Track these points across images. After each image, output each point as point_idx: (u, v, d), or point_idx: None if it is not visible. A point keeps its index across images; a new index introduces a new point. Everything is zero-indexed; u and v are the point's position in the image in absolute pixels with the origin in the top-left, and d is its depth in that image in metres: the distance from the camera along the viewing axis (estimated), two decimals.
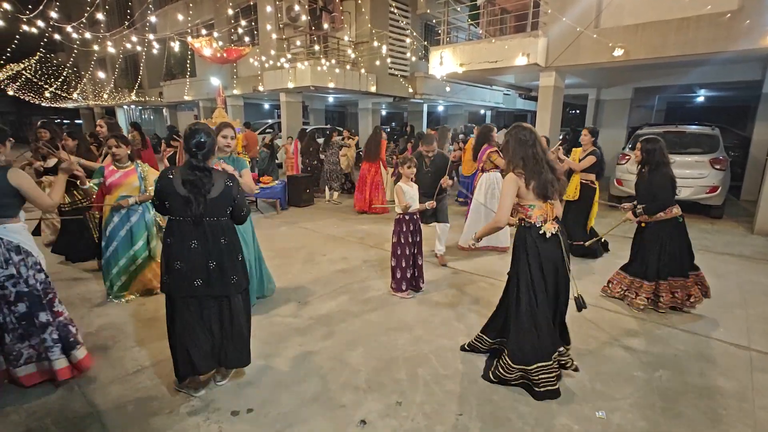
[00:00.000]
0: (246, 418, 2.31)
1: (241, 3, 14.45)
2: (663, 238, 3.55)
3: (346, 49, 12.15)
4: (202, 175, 2.26)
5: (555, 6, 7.12)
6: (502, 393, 2.52)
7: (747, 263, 4.92)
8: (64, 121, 36.30)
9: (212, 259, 2.31)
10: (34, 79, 16.67)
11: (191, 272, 2.29)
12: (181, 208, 2.26)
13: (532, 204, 2.50)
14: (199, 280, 2.30)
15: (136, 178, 3.65)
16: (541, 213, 2.49)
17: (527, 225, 2.52)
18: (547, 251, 2.47)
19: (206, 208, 2.28)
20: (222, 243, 2.35)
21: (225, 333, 2.44)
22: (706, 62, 7.02)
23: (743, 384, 2.64)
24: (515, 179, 2.49)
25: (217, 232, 2.33)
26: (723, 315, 3.60)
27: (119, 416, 2.30)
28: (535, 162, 2.47)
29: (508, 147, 2.57)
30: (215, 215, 2.33)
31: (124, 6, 20.02)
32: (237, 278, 2.41)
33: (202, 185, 2.25)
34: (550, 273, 2.49)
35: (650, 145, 3.52)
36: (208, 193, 2.27)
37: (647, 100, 12.55)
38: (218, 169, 2.46)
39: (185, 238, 2.29)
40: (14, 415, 2.30)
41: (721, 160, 6.69)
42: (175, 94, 18.13)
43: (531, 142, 2.51)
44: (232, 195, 2.36)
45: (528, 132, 2.55)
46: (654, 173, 3.50)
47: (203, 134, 2.29)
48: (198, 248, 2.29)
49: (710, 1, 5.92)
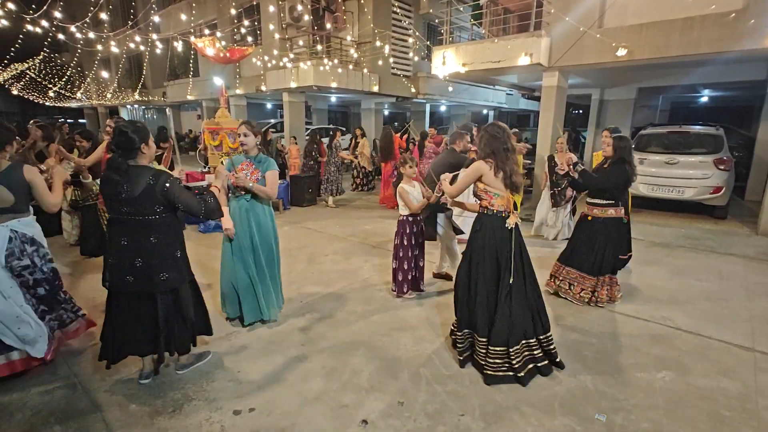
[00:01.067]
0: (248, 417, 2.31)
1: (244, 3, 14.47)
2: (608, 234, 3.69)
3: (349, 48, 12.15)
4: (116, 174, 2.29)
5: (558, 6, 7.10)
6: (505, 393, 2.52)
7: (751, 264, 4.90)
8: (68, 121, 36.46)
9: (140, 257, 2.32)
10: (38, 79, 16.74)
11: (122, 268, 2.33)
12: (110, 206, 2.36)
13: (497, 193, 2.65)
14: (129, 276, 2.33)
15: None
16: (503, 203, 2.66)
17: (489, 212, 2.68)
18: (504, 240, 2.63)
19: (128, 206, 2.29)
20: (151, 241, 2.34)
21: (159, 327, 2.45)
22: (710, 62, 6.97)
23: (747, 385, 2.62)
24: (481, 167, 2.66)
25: (145, 230, 2.33)
26: (727, 316, 3.58)
27: (122, 415, 2.31)
28: (506, 156, 2.66)
29: (482, 140, 2.71)
30: (141, 214, 2.31)
31: (127, 6, 20.06)
32: (168, 276, 2.39)
33: (117, 184, 2.28)
34: (503, 261, 2.63)
35: (622, 142, 3.64)
36: (126, 192, 2.27)
37: (651, 100, 12.49)
38: (147, 165, 2.41)
39: (116, 235, 2.35)
40: (18, 413, 2.32)
41: (725, 160, 6.65)
42: (179, 94, 18.19)
43: (503, 139, 2.68)
44: (157, 193, 2.30)
45: (501, 130, 2.70)
46: (614, 166, 3.61)
47: (131, 132, 2.29)
48: (127, 245, 2.33)
49: (715, 1, 5.88)
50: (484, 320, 2.65)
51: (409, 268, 3.87)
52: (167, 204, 2.36)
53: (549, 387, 2.58)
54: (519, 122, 24.36)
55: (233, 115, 12.03)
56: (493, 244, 2.64)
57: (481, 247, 2.67)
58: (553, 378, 2.67)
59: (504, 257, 2.63)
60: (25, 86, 17.74)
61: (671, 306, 3.76)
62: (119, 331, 2.45)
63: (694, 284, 4.29)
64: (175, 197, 2.35)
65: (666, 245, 5.63)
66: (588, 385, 2.61)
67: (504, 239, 2.64)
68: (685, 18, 6.17)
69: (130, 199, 2.28)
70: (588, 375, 2.71)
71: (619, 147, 3.63)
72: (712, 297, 3.96)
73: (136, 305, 2.43)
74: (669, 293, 4.05)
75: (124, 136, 2.27)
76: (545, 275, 3.96)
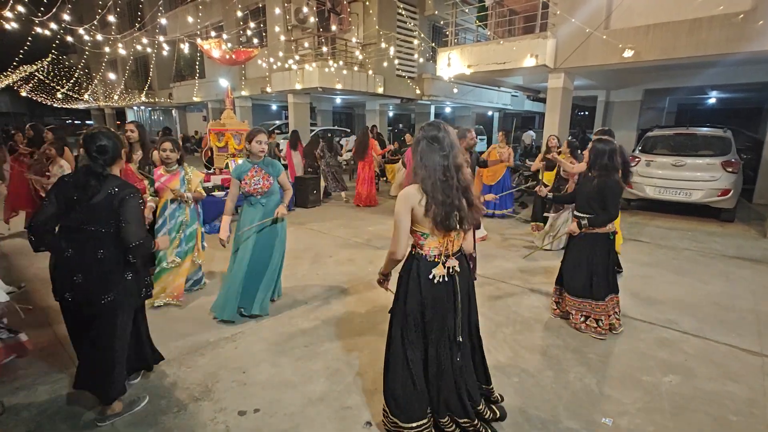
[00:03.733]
0: (252, 417, 2.32)
1: (249, 5, 14.56)
2: (594, 252, 3.20)
3: (354, 50, 12.18)
4: (93, 180, 2.11)
5: (564, 7, 7.08)
6: (509, 396, 2.49)
7: (759, 267, 4.85)
8: (76, 122, 36.83)
9: (81, 272, 2.09)
10: (47, 81, 16.94)
11: (63, 283, 2.13)
12: (65, 212, 2.10)
13: (426, 233, 1.92)
14: (68, 293, 2.11)
15: (178, 181, 3.68)
16: (436, 246, 1.92)
17: (417, 256, 1.96)
18: (435, 293, 1.94)
19: (84, 214, 2.09)
20: (99, 256, 2.11)
21: (88, 353, 2.23)
22: (718, 64, 6.93)
23: (754, 390, 2.60)
24: (411, 196, 1.85)
25: (94, 243, 2.11)
26: (734, 320, 3.55)
27: (128, 415, 2.33)
28: (446, 176, 1.85)
29: (416, 153, 1.91)
30: (94, 224, 2.11)
31: (134, 8, 20.28)
32: (111, 299, 2.13)
33: (88, 190, 2.09)
34: (434, 319, 1.96)
35: (602, 145, 3.11)
36: (87, 199, 2.09)
37: (657, 102, 12.42)
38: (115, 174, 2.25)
39: (65, 245, 2.12)
40: (25, 412, 2.34)
41: (733, 162, 6.59)
42: (185, 96, 18.33)
43: (446, 149, 1.86)
44: (114, 203, 2.10)
45: (444, 132, 1.89)
46: (604, 179, 3.08)
47: (106, 139, 2.18)
48: (71, 258, 2.11)
49: (723, 2, 5.84)
50: None
51: None
52: (117, 219, 2.13)
53: (554, 390, 2.57)
54: (524, 124, 24.30)
55: (238, 117, 12.09)
56: (418, 298, 1.95)
57: (403, 302, 2.00)
58: (557, 381, 2.66)
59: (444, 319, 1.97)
60: (34, 88, 17.96)
61: (677, 309, 3.73)
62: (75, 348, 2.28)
63: (701, 287, 4.25)
64: (124, 212, 2.11)
65: (672, 248, 5.58)
66: (593, 388, 2.59)
67: (439, 293, 1.94)
68: (692, 19, 6.14)
69: (87, 207, 2.09)
70: (593, 378, 2.69)
71: (597, 151, 3.10)
72: (719, 300, 3.93)
73: (73, 323, 2.23)
74: (675, 296, 4.01)
75: (101, 143, 2.15)
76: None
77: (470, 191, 1.91)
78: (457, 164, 1.87)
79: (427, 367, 2.02)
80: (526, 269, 4.72)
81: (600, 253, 3.20)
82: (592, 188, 3.16)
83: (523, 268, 4.76)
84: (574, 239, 3.32)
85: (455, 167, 1.87)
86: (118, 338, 2.22)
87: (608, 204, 3.09)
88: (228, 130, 7.16)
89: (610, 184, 3.08)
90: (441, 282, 1.93)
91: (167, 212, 3.69)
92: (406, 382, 2.00)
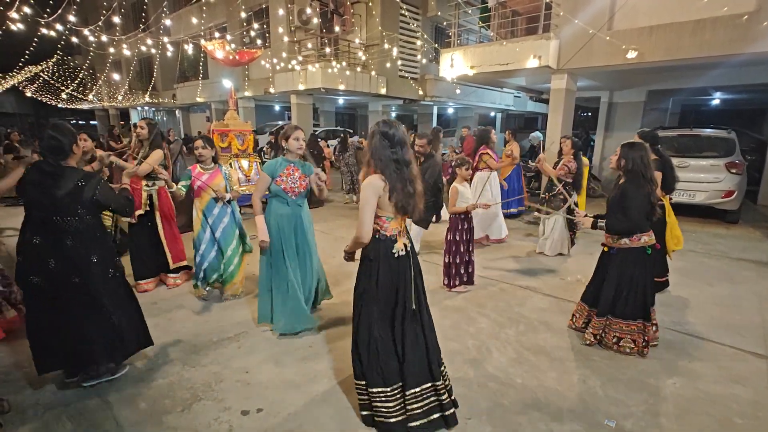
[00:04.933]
0: (256, 417, 2.32)
1: (253, 6, 14.61)
2: (624, 269, 2.94)
3: (357, 51, 12.20)
4: (47, 176, 2.28)
5: (567, 8, 7.07)
6: (513, 397, 2.50)
7: (764, 269, 4.82)
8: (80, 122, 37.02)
9: (52, 258, 2.30)
10: (52, 81, 17.03)
11: (30, 269, 2.31)
12: (31, 206, 2.33)
13: (390, 216, 2.17)
14: (35, 278, 2.30)
15: (222, 178, 3.66)
16: (396, 226, 2.19)
17: (382, 237, 2.18)
18: (399, 268, 2.19)
19: (51, 206, 2.27)
20: (67, 243, 2.31)
21: (70, 333, 2.40)
22: (722, 64, 6.90)
23: (759, 393, 2.58)
24: (378, 185, 2.08)
25: (62, 232, 2.31)
26: (739, 322, 3.53)
27: (132, 413, 2.34)
28: (398, 169, 2.10)
29: (371, 145, 2.15)
30: (61, 214, 2.29)
31: (139, 10, 20.37)
32: (80, 280, 2.35)
33: (42, 185, 2.27)
34: (397, 291, 2.20)
35: (634, 151, 2.88)
36: (48, 193, 2.26)
37: (661, 103, 12.35)
38: (76, 167, 2.41)
39: (31, 234, 2.31)
40: (30, 410, 2.35)
41: (737, 163, 6.56)
42: (188, 96, 18.39)
43: (403, 146, 2.12)
44: (85, 196, 2.32)
45: (396, 129, 2.12)
46: (630, 185, 2.88)
47: (59, 135, 2.29)
48: (39, 245, 2.30)
49: (727, 3, 5.82)
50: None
51: (462, 262, 4.04)
52: (92, 207, 2.38)
53: (557, 392, 2.56)
54: (526, 125, 24.24)
55: (242, 117, 12.12)
56: (389, 274, 2.19)
57: (375, 280, 2.20)
58: (561, 383, 2.65)
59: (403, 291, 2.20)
60: (39, 88, 18.06)
61: (682, 311, 3.72)
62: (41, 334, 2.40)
63: (706, 289, 4.23)
64: (106, 200, 2.41)
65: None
66: (597, 390, 2.59)
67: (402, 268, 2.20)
68: (696, 20, 6.11)
69: (53, 199, 2.26)
70: (597, 380, 2.68)
71: (626, 157, 2.89)
72: (723, 302, 3.91)
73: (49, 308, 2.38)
74: (679, 298, 4.00)
75: (53, 140, 2.29)
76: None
77: (417, 183, 2.17)
78: (405, 159, 2.12)
79: (395, 340, 2.21)
80: (530, 270, 4.71)
81: (631, 270, 2.92)
82: (615, 194, 2.96)
83: (526, 269, 4.75)
84: (603, 256, 3.11)
85: (404, 162, 2.12)
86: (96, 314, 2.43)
87: (628, 209, 2.83)
88: (231, 131, 7.18)
89: (632, 190, 2.84)
90: (401, 256, 2.19)
91: (215, 212, 3.61)
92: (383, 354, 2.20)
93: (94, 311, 2.42)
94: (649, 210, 2.87)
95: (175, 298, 3.91)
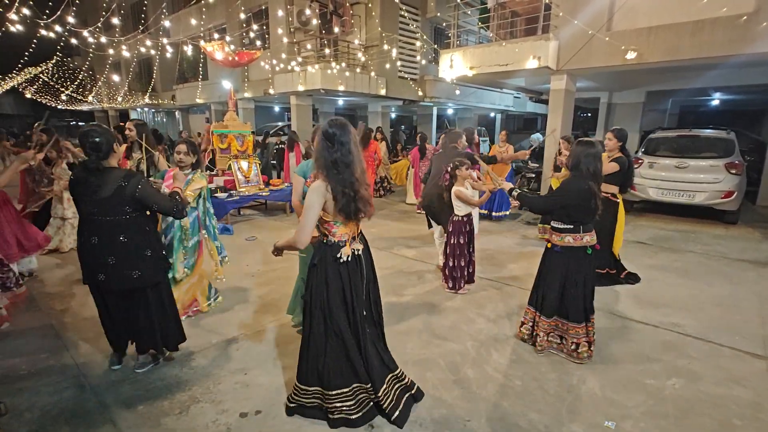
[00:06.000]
0: (254, 419, 2.32)
1: (252, 7, 14.62)
2: (569, 268, 2.88)
3: (356, 52, 12.20)
4: (91, 175, 2.39)
5: (566, 9, 7.07)
6: (512, 399, 2.50)
7: (763, 270, 4.82)
8: (80, 123, 36.98)
9: (112, 255, 2.43)
10: (51, 82, 17.03)
11: (95, 267, 2.45)
12: (80, 206, 2.46)
13: (338, 221, 2.12)
14: (101, 275, 2.44)
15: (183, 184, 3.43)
16: (347, 231, 2.15)
17: (329, 242, 2.15)
18: (348, 273, 2.18)
19: (98, 207, 2.39)
20: (121, 240, 2.43)
21: (133, 324, 2.64)
22: (721, 65, 6.90)
23: (759, 394, 2.58)
24: (322, 190, 2.02)
25: (114, 230, 2.42)
26: (738, 322, 3.52)
27: (130, 415, 2.33)
28: (338, 172, 2.02)
29: (318, 148, 2.10)
30: (110, 214, 2.41)
31: (138, 11, 20.38)
32: (140, 274, 2.49)
33: (89, 185, 2.38)
34: (345, 296, 2.19)
35: (580, 147, 2.84)
36: (96, 194, 2.37)
37: (660, 104, 12.38)
38: (117, 167, 2.53)
39: (87, 234, 2.44)
40: (27, 413, 2.34)
41: (736, 164, 6.56)
42: (188, 97, 18.37)
43: (343, 146, 2.02)
44: (127, 195, 2.40)
45: (341, 130, 2.03)
46: (571, 179, 2.86)
47: (98, 135, 2.38)
48: (97, 245, 2.42)
49: (726, 4, 5.82)
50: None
51: (466, 264, 4.09)
52: (137, 205, 2.46)
53: (557, 393, 2.55)
54: (526, 125, 24.25)
55: (241, 118, 12.12)
56: (338, 280, 2.17)
57: (324, 286, 2.17)
58: (560, 384, 2.65)
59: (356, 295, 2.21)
60: (38, 89, 18.05)
61: (681, 312, 3.71)
62: (111, 322, 2.66)
63: (705, 290, 4.23)
64: (147, 199, 2.46)
65: (676, 250, 5.56)
66: (597, 391, 2.58)
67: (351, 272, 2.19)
68: (696, 21, 6.12)
69: (100, 200, 2.38)
70: (597, 381, 2.67)
71: (575, 155, 2.84)
72: (723, 303, 3.90)
73: (117, 301, 2.59)
74: (679, 299, 3.99)
75: (94, 139, 2.37)
76: None
77: (362, 186, 2.08)
78: (345, 161, 2.03)
79: (345, 343, 2.20)
80: (529, 271, 4.70)
81: (574, 269, 2.87)
82: (562, 186, 2.95)
83: (525, 270, 4.75)
84: (546, 255, 3.03)
85: (343, 163, 2.02)
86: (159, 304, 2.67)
87: (551, 196, 2.82)
88: (231, 132, 7.18)
89: (570, 181, 2.84)
90: (348, 261, 2.16)
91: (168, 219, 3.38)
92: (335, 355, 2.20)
93: (155, 301, 2.65)
94: (588, 204, 2.77)
95: None
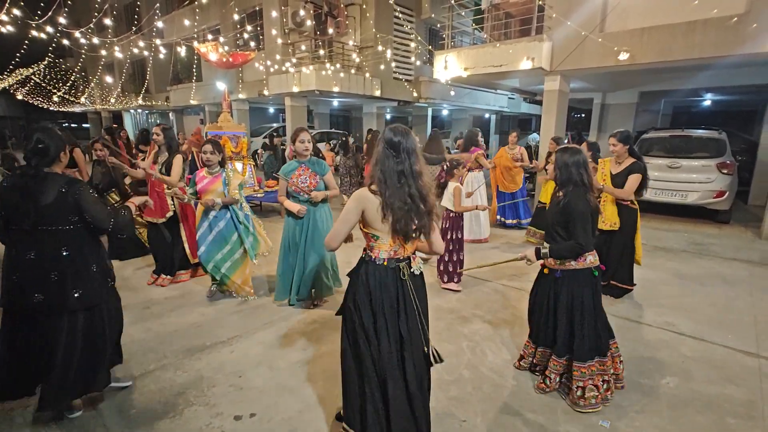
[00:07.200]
0: (249, 422, 2.30)
1: (246, 8, 14.57)
2: (575, 295, 2.45)
3: (351, 53, 12.20)
4: (31, 180, 2.08)
5: (559, 10, 7.11)
6: (507, 399, 2.50)
7: (756, 269, 4.86)
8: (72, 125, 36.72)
9: (54, 271, 2.09)
10: (43, 84, 16.88)
11: (29, 286, 2.09)
12: (13, 217, 2.08)
13: (377, 235, 1.87)
14: (39, 294, 2.08)
15: (220, 182, 3.67)
16: (386, 249, 1.87)
17: (367, 258, 1.92)
18: (384, 296, 1.86)
19: (37, 216, 2.06)
20: (62, 254, 2.12)
21: (64, 354, 2.15)
22: (712, 66, 6.96)
23: (753, 392, 2.60)
24: (365, 199, 1.83)
25: (55, 242, 2.11)
26: (732, 321, 3.55)
27: (123, 419, 2.31)
28: (399, 184, 1.79)
29: (375, 155, 1.89)
30: (51, 224, 2.09)
31: (131, 12, 20.26)
32: (83, 293, 2.15)
33: (29, 192, 2.06)
34: (390, 323, 1.87)
35: (567, 156, 2.44)
36: (37, 201, 2.06)
37: (653, 104, 12.48)
38: (60, 173, 2.20)
39: (22, 248, 2.10)
40: (19, 418, 2.31)
41: (728, 164, 6.63)
42: (182, 99, 18.27)
43: (401, 155, 1.81)
44: (69, 201, 2.09)
45: (405, 138, 1.83)
46: (572, 198, 2.37)
47: (47, 139, 2.12)
48: (34, 259, 2.08)
49: (717, 5, 5.88)
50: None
51: (458, 260, 4.16)
52: (81, 214, 2.14)
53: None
54: (520, 126, 24.35)
55: (236, 120, 12.08)
56: (368, 302, 1.88)
57: (354, 307, 1.92)
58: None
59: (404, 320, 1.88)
60: (30, 91, 17.89)
61: (675, 311, 3.73)
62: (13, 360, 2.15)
63: (698, 289, 4.26)
64: (83, 206, 2.13)
65: (669, 250, 5.60)
66: None
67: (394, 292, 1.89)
68: (687, 22, 6.17)
69: (39, 208, 2.06)
70: None
71: (563, 164, 2.43)
72: (716, 302, 3.94)
73: (35, 329, 2.14)
74: (672, 298, 4.02)
75: (40, 143, 2.10)
76: None
77: (428, 198, 1.85)
78: (414, 171, 1.82)
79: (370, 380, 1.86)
80: (524, 272, 4.71)
81: (580, 295, 2.44)
82: (556, 210, 2.47)
83: (521, 271, 4.75)
84: (541, 278, 2.66)
85: (412, 174, 1.81)
86: (97, 330, 2.25)
87: (574, 229, 2.35)
88: (225, 133, 7.15)
89: (578, 204, 2.35)
90: (388, 284, 1.87)
91: (210, 217, 3.70)
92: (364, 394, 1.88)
93: (97, 325, 2.25)
94: (593, 223, 2.42)
95: (168, 302, 3.88)
